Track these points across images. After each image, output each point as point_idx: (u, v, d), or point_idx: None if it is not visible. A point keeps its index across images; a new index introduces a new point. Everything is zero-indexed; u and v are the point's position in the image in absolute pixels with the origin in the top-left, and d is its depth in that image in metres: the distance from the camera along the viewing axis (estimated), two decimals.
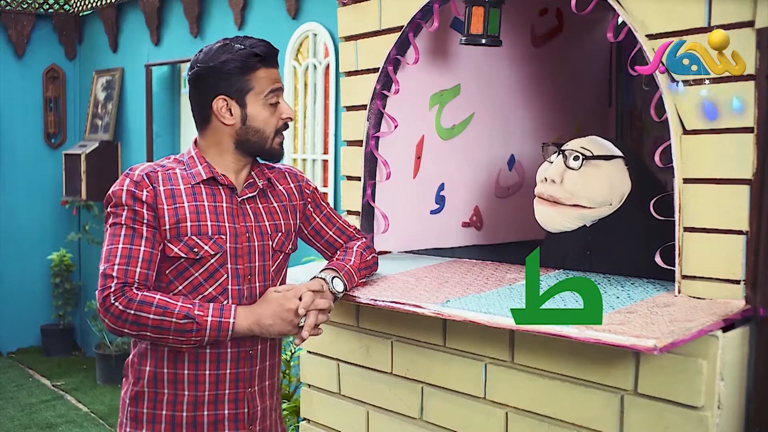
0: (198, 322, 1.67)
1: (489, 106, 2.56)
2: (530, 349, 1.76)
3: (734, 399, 1.54)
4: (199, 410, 1.79)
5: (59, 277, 6.49)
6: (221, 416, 1.80)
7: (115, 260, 1.68)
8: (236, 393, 1.81)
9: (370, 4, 2.26)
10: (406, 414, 2.03)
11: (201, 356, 1.77)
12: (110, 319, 1.66)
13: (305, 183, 2.00)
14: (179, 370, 1.77)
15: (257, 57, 1.76)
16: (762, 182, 1.52)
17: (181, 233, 1.73)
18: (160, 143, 5.83)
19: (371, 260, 2.00)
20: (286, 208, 1.92)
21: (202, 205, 1.77)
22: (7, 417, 5.09)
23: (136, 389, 1.81)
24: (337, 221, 2.03)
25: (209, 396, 1.79)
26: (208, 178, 1.79)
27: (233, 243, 1.78)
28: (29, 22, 6.43)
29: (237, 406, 1.82)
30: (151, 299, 1.66)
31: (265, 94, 1.79)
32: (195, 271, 1.76)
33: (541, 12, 2.64)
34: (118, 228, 1.72)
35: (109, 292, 1.65)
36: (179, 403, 1.78)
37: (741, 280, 1.56)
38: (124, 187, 1.73)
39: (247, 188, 1.85)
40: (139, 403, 1.80)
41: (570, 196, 2.00)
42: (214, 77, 1.76)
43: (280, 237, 1.88)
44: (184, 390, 1.78)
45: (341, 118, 2.47)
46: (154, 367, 1.79)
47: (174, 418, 1.78)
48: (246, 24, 4.74)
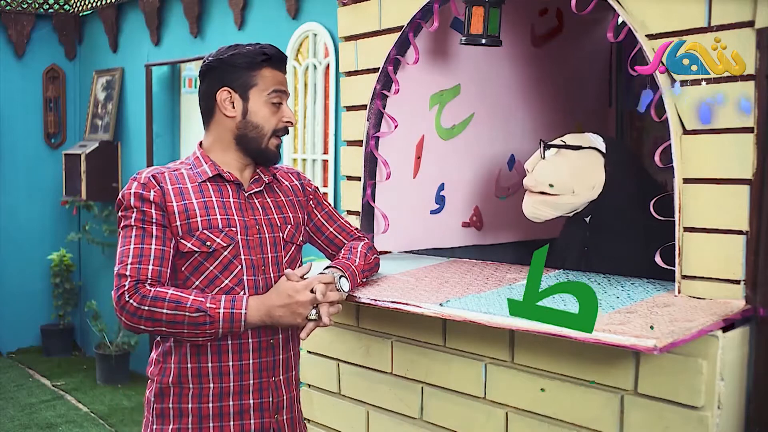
0: (210, 315, 1.70)
1: (489, 106, 2.56)
2: (530, 349, 1.76)
3: (734, 399, 1.54)
4: (225, 401, 1.82)
5: (59, 277, 6.49)
6: (246, 406, 1.83)
7: (127, 260, 1.73)
8: (260, 383, 1.85)
9: (370, 4, 2.27)
10: (406, 414, 2.03)
11: (224, 347, 1.81)
12: (126, 316, 1.70)
13: (307, 182, 2.04)
14: (203, 363, 1.81)
15: (264, 55, 1.83)
16: (762, 182, 1.52)
17: (192, 228, 1.78)
18: (160, 143, 5.83)
19: (374, 261, 2.01)
20: (293, 202, 1.96)
21: (210, 200, 1.81)
22: (7, 417, 5.09)
23: (161, 386, 1.84)
24: (338, 219, 2.06)
25: (234, 387, 1.82)
26: (214, 176, 1.84)
27: (244, 235, 1.82)
28: (29, 22, 6.43)
29: (262, 395, 1.85)
30: (164, 294, 1.69)
31: (268, 92, 1.84)
32: (210, 264, 1.79)
33: (541, 12, 2.65)
34: (129, 230, 1.77)
35: (124, 290, 1.69)
36: (205, 396, 1.81)
37: (741, 280, 1.56)
38: (132, 190, 1.78)
39: (254, 183, 1.89)
40: (165, 399, 1.83)
41: (535, 183, 2.09)
42: (221, 70, 1.84)
43: (290, 229, 1.92)
44: (209, 383, 1.81)
45: (341, 118, 2.47)
46: (178, 363, 1.82)
47: (200, 410, 1.81)
48: (246, 24, 4.74)
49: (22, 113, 6.52)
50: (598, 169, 2.07)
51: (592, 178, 2.07)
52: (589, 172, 2.07)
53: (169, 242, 1.77)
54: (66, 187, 6.35)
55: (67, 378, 5.97)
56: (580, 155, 2.08)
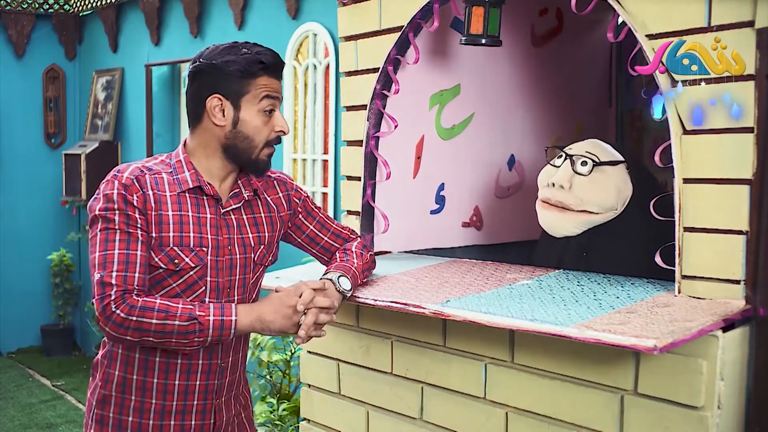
0: (201, 323, 1.65)
1: (489, 106, 2.56)
2: (530, 349, 1.76)
3: (734, 399, 1.54)
4: (166, 420, 1.77)
5: (59, 277, 6.49)
6: (188, 426, 1.79)
7: (112, 267, 1.64)
8: (204, 404, 1.80)
9: (370, 4, 2.26)
10: (406, 414, 2.03)
11: (171, 366, 1.75)
12: (111, 327, 1.63)
13: (294, 192, 1.96)
14: (148, 378, 1.75)
15: (261, 64, 1.73)
16: (762, 182, 1.52)
17: (164, 243, 1.70)
18: (160, 143, 5.83)
19: (370, 259, 2.00)
20: (272, 219, 1.88)
21: (186, 215, 1.73)
22: (7, 417, 5.09)
23: (104, 392, 1.78)
24: (331, 226, 2.01)
25: (177, 406, 1.77)
26: (194, 187, 1.75)
27: (214, 256, 1.75)
28: (29, 22, 6.43)
29: (204, 417, 1.80)
30: (152, 304, 1.63)
31: (260, 99, 1.74)
32: (173, 281, 1.73)
33: (541, 12, 2.64)
34: (112, 233, 1.66)
35: (110, 300, 1.62)
36: (146, 411, 1.76)
37: (741, 280, 1.56)
38: (115, 190, 1.68)
39: (232, 198, 1.80)
40: (106, 407, 1.78)
41: (580, 202, 2.00)
42: (214, 75, 1.72)
43: (262, 250, 1.85)
44: (152, 398, 1.76)
45: (341, 118, 2.47)
46: (123, 372, 1.76)
47: (141, 426, 1.76)
48: (246, 24, 4.74)
49: (22, 113, 6.52)
50: (628, 181, 2.02)
51: (627, 191, 2.01)
52: (625, 186, 2.01)
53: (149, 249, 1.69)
54: (66, 187, 6.35)
55: (67, 378, 5.98)
56: (616, 171, 2.01)
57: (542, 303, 1.67)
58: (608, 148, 2.06)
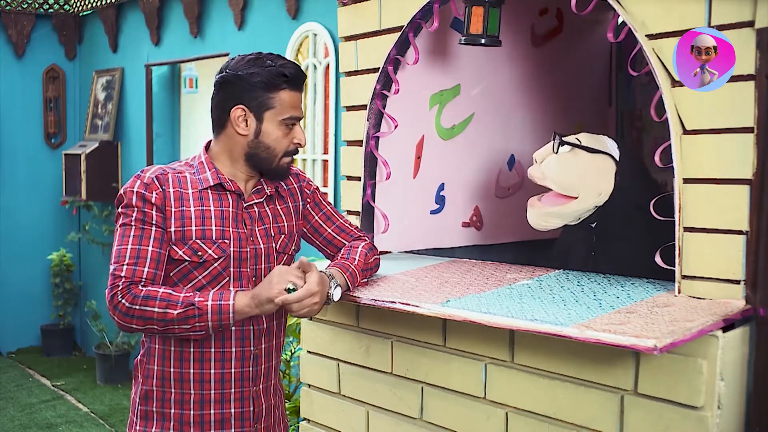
0: (199, 308, 1.71)
1: (489, 106, 2.56)
2: (530, 349, 1.76)
3: (734, 399, 1.54)
4: (206, 409, 1.85)
5: (59, 277, 6.49)
6: (228, 414, 1.86)
7: (124, 260, 1.74)
8: (242, 392, 1.87)
9: (370, 4, 2.26)
10: (406, 414, 2.03)
11: (206, 355, 1.83)
12: (119, 316, 1.72)
13: (306, 183, 2.04)
14: (185, 369, 1.83)
15: (284, 77, 1.81)
16: (762, 182, 1.52)
17: (186, 237, 1.79)
18: (160, 143, 5.83)
19: (374, 262, 2.01)
20: (290, 209, 1.98)
21: (208, 210, 1.82)
22: (7, 417, 5.09)
23: (145, 388, 1.87)
24: (337, 220, 2.06)
25: (215, 395, 1.85)
26: (215, 184, 1.85)
27: (237, 247, 1.83)
28: (29, 22, 6.43)
29: (243, 405, 1.88)
30: (154, 293, 1.72)
31: (283, 118, 1.83)
32: (199, 274, 1.81)
33: (541, 12, 2.64)
34: (128, 228, 1.77)
35: (117, 290, 1.72)
36: (186, 402, 1.84)
37: (741, 280, 1.56)
38: (135, 188, 1.79)
39: (255, 194, 1.90)
40: (149, 402, 1.86)
41: (541, 176, 2.07)
42: (239, 86, 1.81)
43: (284, 239, 1.93)
44: (191, 389, 1.84)
45: (341, 118, 2.47)
46: (161, 366, 1.85)
47: (182, 416, 1.84)
48: (246, 24, 4.74)
49: (22, 113, 6.53)
50: (609, 175, 2.03)
51: (600, 185, 2.02)
52: (599, 178, 2.02)
53: (166, 245, 1.79)
54: (66, 187, 6.35)
55: (67, 378, 5.98)
56: (594, 158, 2.03)
57: (542, 303, 1.67)
58: (605, 141, 2.08)
